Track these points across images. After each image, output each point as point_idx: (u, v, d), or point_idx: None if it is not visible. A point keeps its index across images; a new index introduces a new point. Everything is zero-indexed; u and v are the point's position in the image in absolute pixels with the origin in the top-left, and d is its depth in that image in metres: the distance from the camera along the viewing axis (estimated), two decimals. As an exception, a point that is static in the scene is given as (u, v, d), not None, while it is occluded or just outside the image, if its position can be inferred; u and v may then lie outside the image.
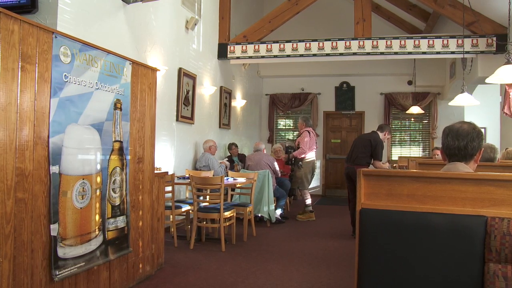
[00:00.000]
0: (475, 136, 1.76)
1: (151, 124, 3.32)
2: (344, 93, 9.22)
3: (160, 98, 4.90)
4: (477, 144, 1.77)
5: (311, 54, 6.33)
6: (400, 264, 1.57)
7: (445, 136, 1.83)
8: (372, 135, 5.05)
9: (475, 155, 1.79)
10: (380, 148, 4.90)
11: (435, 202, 1.61)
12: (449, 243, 1.52)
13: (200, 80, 6.24)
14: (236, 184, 4.60)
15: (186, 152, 5.81)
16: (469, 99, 5.05)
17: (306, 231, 5.40)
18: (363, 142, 4.97)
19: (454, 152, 1.79)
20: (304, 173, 6.16)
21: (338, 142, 9.38)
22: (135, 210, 3.13)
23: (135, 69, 3.06)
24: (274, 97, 9.50)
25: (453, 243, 1.51)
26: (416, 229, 1.57)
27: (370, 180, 1.69)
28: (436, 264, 1.53)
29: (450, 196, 1.60)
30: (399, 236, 1.59)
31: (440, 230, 1.54)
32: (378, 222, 1.62)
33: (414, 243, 1.57)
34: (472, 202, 1.57)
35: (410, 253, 1.56)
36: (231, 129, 7.70)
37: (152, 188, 3.37)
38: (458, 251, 1.50)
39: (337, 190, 9.32)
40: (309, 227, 5.71)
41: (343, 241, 4.84)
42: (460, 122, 1.85)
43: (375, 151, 4.86)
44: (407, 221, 1.59)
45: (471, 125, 1.80)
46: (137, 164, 3.14)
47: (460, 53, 5.84)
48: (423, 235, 1.57)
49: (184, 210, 4.55)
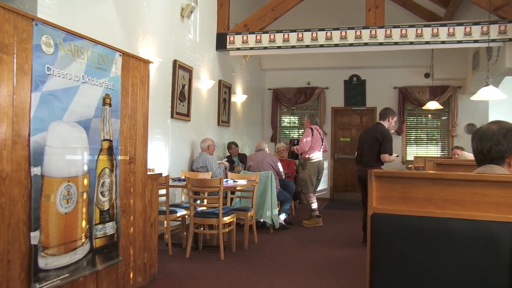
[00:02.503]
0: (500, 138, 1.73)
1: (143, 121, 3.32)
2: (354, 88, 9.19)
3: (153, 93, 4.88)
4: (506, 147, 1.74)
5: (318, 44, 6.31)
6: (416, 275, 1.55)
7: (471, 140, 1.82)
8: (377, 129, 4.97)
9: (507, 158, 1.75)
10: (388, 142, 4.82)
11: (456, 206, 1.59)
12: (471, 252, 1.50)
13: (197, 74, 6.22)
14: (236, 186, 4.60)
15: (181, 152, 5.80)
16: (495, 93, 4.98)
17: (312, 238, 5.39)
18: (370, 141, 4.91)
19: (480, 158, 1.78)
20: (308, 175, 6.15)
21: (348, 140, 9.36)
22: (125, 215, 3.12)
23: (125, 61, 3.05)
24: (278, 92, 9.48)
25: (477, 252, 1.49)
26: (434, 237, 1.55)
27: (383, 182, 1.68)
28: (457, 275, 1.51)
29: (473, 200, 1.58)
30: (415, 244, 1.57)
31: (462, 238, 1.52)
32: (391, 229, 1.60)
33: (432, 252, 1.55)
34: (497, 207, 1.54)
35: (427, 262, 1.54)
36: (231, 127, 7.69)
37: (144, 191, 3.37)
38: (482, 261, 1.48)
39: (347, 193, 9.30)
40: (316, 233, 5.70)
41: (353, 249, 4.83)
42: (491, 122, 1.82)
43: (383, 147, 4.80)
44: (424, 228, 1.57)
45: (501, 125, 1.76)
46: (128, 165, 3.13)
47: (485, 42, 5.72)
48: (442, 243, 1.55)
49: (179, 215, 4.54)
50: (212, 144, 5.85)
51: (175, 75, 5.49)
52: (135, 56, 3.22)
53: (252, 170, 5.88)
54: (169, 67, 5.44)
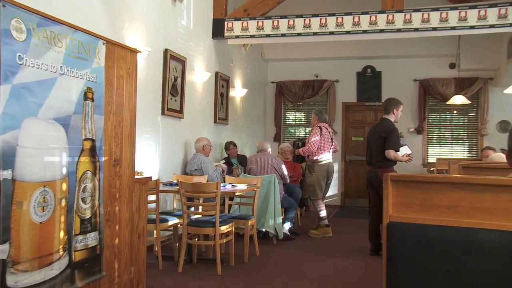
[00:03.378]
0: None
1: (130, 119, 3.31)
2: (368, 80, 9.19)
3: (142, 86, 4.88)
4: None
5: (328, 32, 6.29)
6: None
7: (509, 137, 1.79)
8: (381, 125, 5.00)
9: None
10: (392, 137, 4.83)
11: (485, 215, 1.58)
12: (502, 267, 1.49)
13: (191, 65, 6.22)
14: (235, 192, 4.58)
15: (174, 153, 5.79)
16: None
17: (321, 250, 5.39)
18: (376, 139, 4.95)
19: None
20: (316, 179, 6.15)
21: (361, 140, 9.35)
22: (110, 225, 3.11)
23: (110, 50, 3.05)
24: (282, 86, 9.48)
25: (508, 267, 1.47)
26: (460, 249, 1.55)
27: (400, 187, 1.68)
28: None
29: (505, 208, 1.56)
30: (437, 257, 1.57)
31: (491, 251, 1.51)
32: (410, 239, 1.61)
33: (457, 266, 1.55)
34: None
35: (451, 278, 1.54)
36: (229, 125, 7.69)
37: (131, 197, 3.37)
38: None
39: (359, 200, 9.28)
40: (325, 245, 5.70)
41: (367, 262, 4.82)
42: None
43: (387, 142, 4.81)
44: (448, 239, 1.57)
45: None
46: (113, 167, 3.13)
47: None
48: (468, 256, 1.54)
49: (171, 224, 4.54)
50: (208, 144, 5.85)
51: (166, 66, 5.49)
52: (120, 45, 3.21)
53: (253, 173, 5.87)
54: (159, 57, 5.43)
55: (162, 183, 4.95)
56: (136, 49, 3.42)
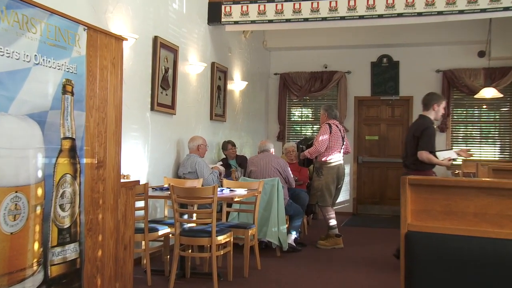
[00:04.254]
0: None
1: (115, 115, 3.31)
2: (384, 71, 9.17)
3: (129, 78, 4.87)
4: None
5: (338, 17, 6.27)
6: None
7: None
8: (417, 123, 5.00)
9: None
10: (426, 136, 4.81)
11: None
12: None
13: (184, 54, 6.21)
14: (234, 197, 4.58)
15: (164, 154, 5.79)
16: None
17: (330, 263, 5.39)
18: (409, 139, 4.98)
19: None
20: (325, 183, 6.14)
21: (375, 139, 9.34)
22: (92, 235, 3.10)
23: (92, 37, 3.04)
24: (286, 78, 9.48)
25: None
26: (488, 262, 1.55)
27: (420, 192, 1.68)
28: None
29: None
30: (462, 272, 1.57)
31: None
32: (431, 251, 1.61)
33: (485, 281, 1.53)
34: None
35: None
36: (227, 122, 7.68)
37: (117, 203, 3.36)
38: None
39: (374, 207, 9.28)
40: (335, 257, 5.70)
41: (383, 275, 4.81)
42: None
43: (420, 142, 4.80)
44: (475, 251, 1.57)
45: None
46: (96, 170, 3.13)
47: None
48: (498, 271, 1.54)
49: (161, 234, 4.54)
50: (203, 144, 5.85)
51: (156, 56, 5.48)
52: (104, 31, 3.21)
53: (254, 177, 5.87)
54: (148, 45, 5.43)
55: (151, 187, 4.94)
56: (121, 36, 3.42)
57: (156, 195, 4.72)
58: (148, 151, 5.42)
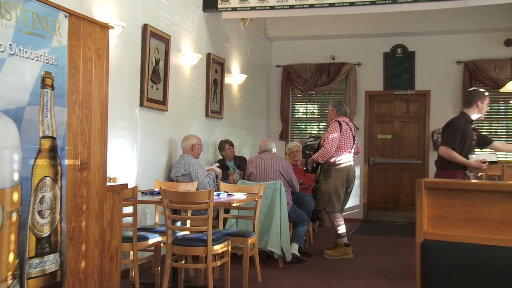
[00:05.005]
0: None
1: (101, 111, 3.31)
2: (398, 63, 9.17)
3: (116, 71, 4.88)
4: None
5: (347, 2, 6.27)
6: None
7: None
8: (452, 119, 5.09)
9: None
10: (449, 130, 4.89)
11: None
12: None
13: (177, 44, 6.21)
14: (232, 202, 4.57)
15: (155, 154, 5.80)
16: None
17: (338, 275, 5.39)
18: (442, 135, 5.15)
19: None
20: (333, 186, 6.14)
21: (389, 138, 9.35)
22: (74, 244, 3.09)
23: (74, 25, 3.03)
24: (290, 70, 9.48)
25: None
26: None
27: (438, 196, 1.67)
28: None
29: None
30: (485, 286, 1.53)
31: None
32: (450, 262, 1.60)
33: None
34: None
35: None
36: (225, 119, 7.69)
37: (102, 209, 3.36)
38: None
39: (387, 213, 9.28)
40: (344, 268, 5.70)
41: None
42: None
43: (442, 137, 4.93)
44: (499, 263, 1.56)
45: None
46: (79, 172, 3.12)
47: None
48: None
49: (152, 243, 4.54)
50: (198, 144, 5.87)
51: (146, 46, 5.49)
52: (88, 19, 3.19)
53: (254, 180, 5.88)
54: (137, 35, 5.43)
55: (140, 191, 4.95)
56: (107, 24, 3.43)
57: (146, 200, 4.73)
58: (137, 152, 5.42)
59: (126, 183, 3.94)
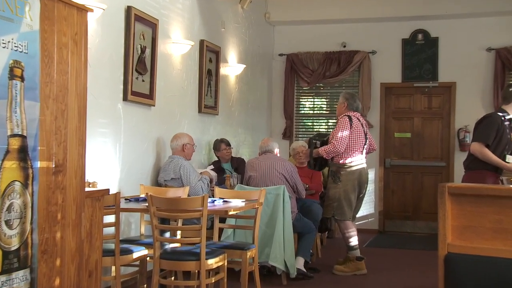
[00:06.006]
0: None
1: (79, 106, 3.30)
2: (418, 51, 9.17)
3: (96, 60, 4.88)
4: None
5: (360, -18, 6.25)
6: None
7: None
8: (488, 114, 5.20)
9: None
10: (485, 123, 4.95)
11: None
12: None
13: (165, 30, 6.22)
14: (229, 210, 4.57)
15: (141, 156, 5.81)
16: None
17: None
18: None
19: None
20: (343, 191, 6.14)
21: (407, 137, 9.35)
22: (48, 259, 3.08)
23: (47, 7, 3.02)
24: (295, 60, 9.50)
25: None
26: None
27: (464, 203, 1.66)
28: None
29: None
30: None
31: None
32: (478, 278, 1.60)
33: None
34: None
35: None
36: (220, 116, 7.71)
37: (80, 218, 3.35)
38: None
39: (406, 223, 9.27)
40: (356, 286, 5.72)
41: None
42: None
43: (474, 133, 5.02)
44: None
45: None
46: (53, 176, 3.11)
47: None
48: None
49: (137, 257, 4.54)
50: (189, 143, 5.88)
51: (130, 32, 5.49)
52: (63, 0, 3.17)
53: (254, 184, 5.89)
54: (120, 18, 5.43)
55: (124, 198, 4.95)
56: (85, 6, 3.40)
57: (130, 207, 4.74)
58: (120, 152, 5.42)
59: (107, 189, 3.92)
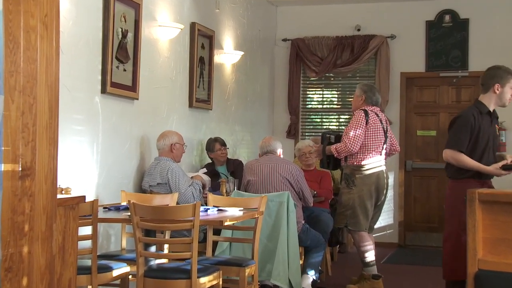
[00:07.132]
0: None
1: (50, 100, 3.31)
2: (445, 35, 9.19)
3: (69, 46, 4.89)
4: None
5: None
6: None
7: None
8: (459, 112, 5.22)
9: None
10: (455, 126, 4.95)
11: None
12: None
13: (150, 11, 6.24)
14: (224, 220, 4.55)
15: (122, 157, 5.84)
16: None
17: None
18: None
19: None
20: (358, 197, 6.15)
21: (432, 135, 9.36)
22: (12, 278, 3.07)
23: (12, -16, 3.01)
24: (301, 46, 9.53)
25: None
26: None
27: (497, 212, 1.67)
28: None
29: None
30: None
31: None
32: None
33: None
34: None
35: None
36: (214, 111, 7.75)
37: (51, 230, 3.35)
38: None
39: (430, 235, 9.24)
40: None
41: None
42: None
43: (448, 136, 5.03)
44: None
45: None
46: (19, 181, 3.11)
47: None
48: None
49: (117, 275, 4.55)
50: (178, 143, 5.91)
51: (109, 13, 5.49)
52: (30, -23, 3.18)
53: (254, 190, 5.91)
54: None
55: (102, 206, 4.96)
56: (57, -17, 3.40)
57: (110, 217, 4.75)
58: (98, 153, 5.43)
59: (83, 196, 3.91)
